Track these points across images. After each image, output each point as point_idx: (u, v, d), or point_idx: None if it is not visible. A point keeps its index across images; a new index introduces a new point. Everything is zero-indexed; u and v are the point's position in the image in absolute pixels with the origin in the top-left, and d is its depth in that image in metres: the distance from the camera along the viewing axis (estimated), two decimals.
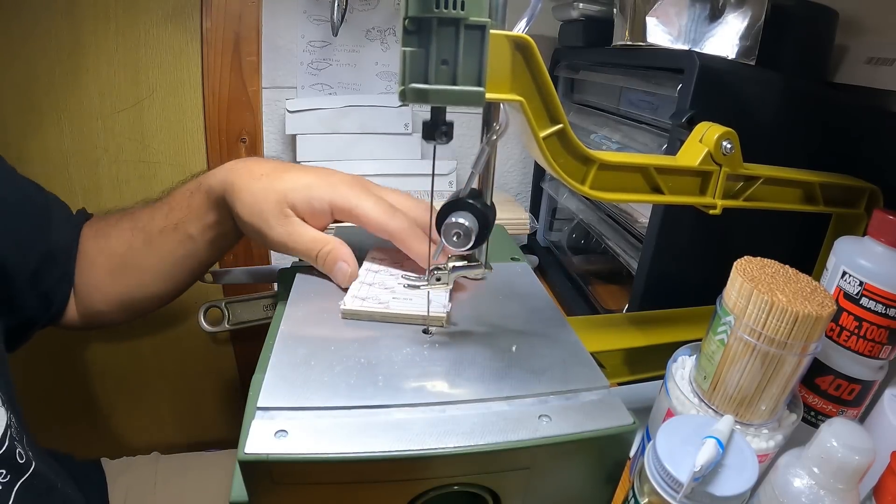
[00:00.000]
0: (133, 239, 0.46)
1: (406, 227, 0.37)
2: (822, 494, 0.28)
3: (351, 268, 0.37)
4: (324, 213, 0.38)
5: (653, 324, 0.49)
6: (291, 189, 0.38)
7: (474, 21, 0.24)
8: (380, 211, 0.37)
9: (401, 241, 0.37)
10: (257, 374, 0.29)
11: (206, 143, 0.79)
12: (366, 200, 0.38)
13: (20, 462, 0.36)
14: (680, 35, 0.49)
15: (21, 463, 0.36)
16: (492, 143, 0.28)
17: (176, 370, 0.93)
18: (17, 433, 0.38)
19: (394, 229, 0.37)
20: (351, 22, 0.78)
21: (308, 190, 0.38)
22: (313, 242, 0.38)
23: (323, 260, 0.37)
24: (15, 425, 0.38)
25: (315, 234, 0.38)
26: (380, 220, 0.37)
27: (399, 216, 0.38)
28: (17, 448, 0.36)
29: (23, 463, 0.36)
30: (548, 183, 0.83)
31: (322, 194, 0.38)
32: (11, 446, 0.36)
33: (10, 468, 0.35)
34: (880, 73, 0.51)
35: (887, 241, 0.35)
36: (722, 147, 0.36)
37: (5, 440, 0.36)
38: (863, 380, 0.37)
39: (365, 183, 0.41)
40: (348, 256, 0.37)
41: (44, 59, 0.70)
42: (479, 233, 0.29)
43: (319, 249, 0.37)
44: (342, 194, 0.38)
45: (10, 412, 0.38)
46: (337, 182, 0.39)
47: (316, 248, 0.37)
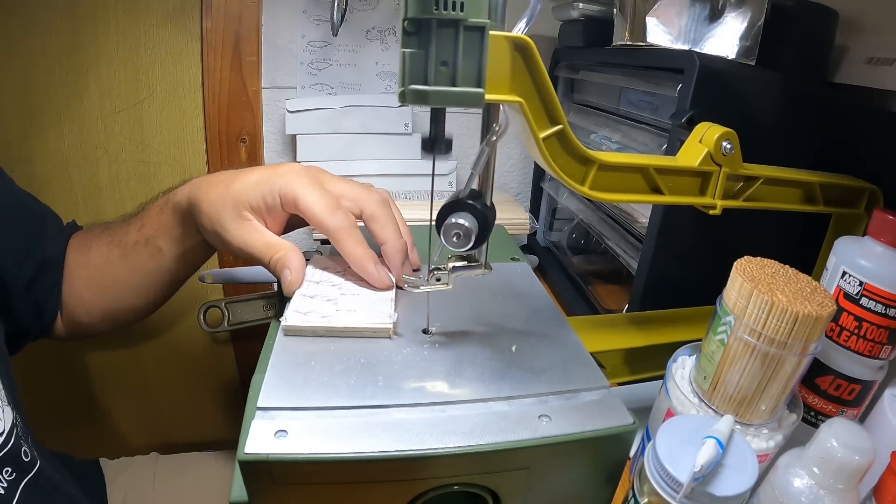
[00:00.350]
0: (110, 253, 0.46)
1: (344, 227, 0.36)
2: (822, 494, 0.28)
3: (293, 276, 0.36)
4: (276, 207, 0.37)
5: (653, 324, 0.49)
6: (243, 189, 0.37)
7: (474, 22, 0.24)
8: (321, 205, 0.36)
9: (335, 241, 0.36)
10: (257, 374, 0.29)
11: (206, 143, 0.79)
12: (310, 192, 0.36)
13: (25, 460, 0.36)
14: (680, 35, 0.49)
15: (26, 461, 0.36)
16: (492, 143, 0.28)
17: (176, 370, 0.93)
18: (22, 432, 0.38)
19: (330, 226, 0.36)
20: (351, 22, 0.78)
21: (258, 186, 0.37)
22: (266, 248, 0.37)
23: (273, 266, 0.37)
24: (21, 424, 0.38)
25: (270, 238, 0.37)
26: (319, 214, 0.36)
27: (340, 214, 0.36)
28: (23, 447, 0.37)
29: (28, 461, 0.37)
30: (548, 183, 0.83)
31: (271, 187, 0.37)
32: (17, 444, 0.36)
33: (16, 466, 0.36)
34: (880, 73, 0.51)
35: (887, 241, 0.35)
36: (722, 147, 0.36)
37: (11, 438, 0.36)
38: (863, 380, 0.37)
39: (317, 173, 0.39)
40: (295, 265, 0.36)
41: (44, 59, 0.70)
42: (479, 233, 0.29)
43: (272, 255, 0.36)
44: (288, 183, 0.37)
45: (16, 412, 0.38)
46: (286, 172, 0.38)
47: (269, 253, 0.37)
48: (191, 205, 0.40)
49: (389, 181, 0.81)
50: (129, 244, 0.45)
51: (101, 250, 0.47)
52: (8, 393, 0.38)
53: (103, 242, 0.47)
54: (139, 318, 0.50)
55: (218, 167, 0.80)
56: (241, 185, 0.38)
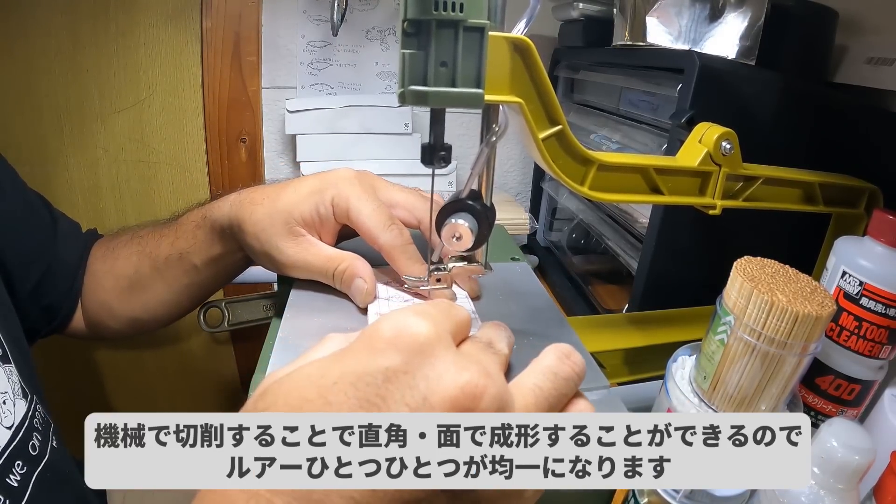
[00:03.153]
0: (140, 263, 0.45)
1: (398, 244, 0.34)
2: (822, 494, 0.28)
3: (368, 285, 0.34)
4: (329, 219, 0.35)
5: (653, 324, 0.49)
6: (295, 203, 0.35)
7: (473, 23, 0.24)
8: (375, 219, 0.34)
9: (390, 258, 0.35)
10: (257, 374, 0.29)
11: (206, 143, 0.79)
12: (364, 203, 0.35)
13: (33, 454, 0.36)
14: (680, 35, 0.49)
15: (34, 455, 0.37)
16: (491, 144, 0.28)
17: (176, 370, 0.93)
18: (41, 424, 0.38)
19: (383, 243, 0.34)
20: (351, 22, 0.78)
21: (309, 198, 0.35)
22: (328, 261, 0.35)
23: (339, 279, 0.35)
24: (41, 416, 0.38)
25: (329, 251, 0.35)
26: (372, 229, 0.34)
27: (394, 230, 0.34)
28: (31, 440, 0.37)
29: (36, 455, 0.37)
30: (548, 183, 0.83)
31: (323, 197, 0.35)
32: (26, 438, 0.36)
33: (26, 459, 0.36)
34: (880, 73, 0.51)
35: (887, 241, 0.35)
36: (721, 147, 0.36)
37: (20, 432, 0.36)
38: (863, 380, 0.37)
39: (371, 180, 0.37)
40: (366, 273, 0.34)
41: (44, 59, 0.70)
42: (479, 233, 0.29)
43: (335, 268, 0.35)
44: (340, 193, 0.35)
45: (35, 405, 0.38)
46: (337, 180, 0.36)
47: (331, 266, 0.35)
48: (233, 225, 0.38)
49: None
50: (160, 257, 0.44)
51: (131, 260, 0.46)
52: (26, 385, 0.38)
53: (132, 252, 0.46)
54: (165, 325, 0.50)
55: (218, 167, 0.80)
56: (289, 198, 0.36)
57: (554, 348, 0.23)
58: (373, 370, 0.19)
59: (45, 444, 0.38)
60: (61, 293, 0.47)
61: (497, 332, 0.26)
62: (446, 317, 0.22)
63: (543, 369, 0.22)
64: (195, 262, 0.43)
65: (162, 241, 0.44)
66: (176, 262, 0.44)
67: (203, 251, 0.42)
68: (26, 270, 0.44)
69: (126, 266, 0.46)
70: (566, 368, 0.22)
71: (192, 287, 0.45)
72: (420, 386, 0.19)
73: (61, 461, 0.39)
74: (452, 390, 0.19)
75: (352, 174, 0.37)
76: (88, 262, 0.49)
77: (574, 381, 0.23)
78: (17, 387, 0.37)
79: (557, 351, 0.23)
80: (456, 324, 0.22)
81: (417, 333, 0.20)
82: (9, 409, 0.36)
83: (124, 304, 0.47)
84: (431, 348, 0.20)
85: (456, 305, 0.24)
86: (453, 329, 0.22)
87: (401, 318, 0.20)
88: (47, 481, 0.37)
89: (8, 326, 0.40)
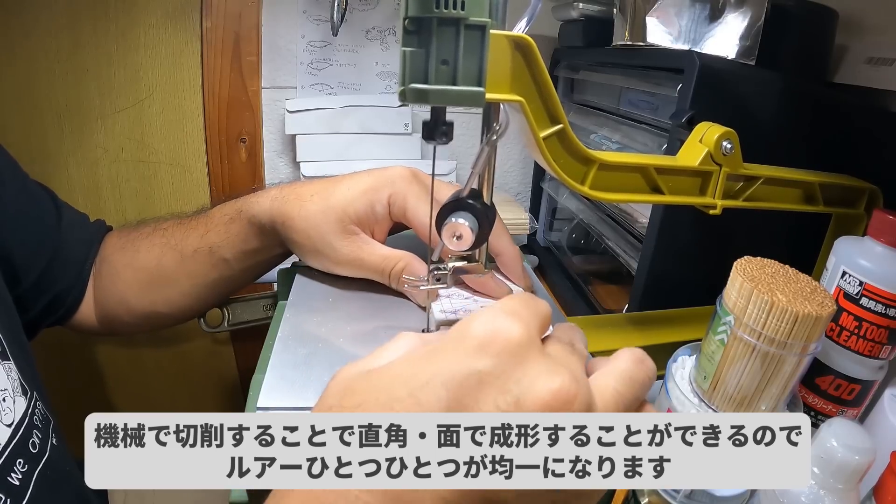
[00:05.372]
0: (163, 256, 0.44)
1: None
2: (822, 494, 0.28)
3: None
4: (385, 216, 0.35)
5: (653, 324, 0.49)
6: (349, 201, 0.35)
7: (474, 21, 0.24)
8: None
9: None
10: (257, 374, 0.29)
11: (205, 143, 0.79)
12: (424, 203, 0.35)
13: (34, 451, 0.36)
14: (680, 35, 0.49)
15: (34, 452, 0.36)
16: (492, 143, 0.28)
17: (176, 370, 0.93)
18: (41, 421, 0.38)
19: None
20: (351, 22, 0.78)
21: (365, 195, 0.35)
22: (384, 260, 0.35)
23: (396, 278, 0.35)
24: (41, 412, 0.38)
25: (385, 250, 0.35)
26: None
27: None
28: (31, 438, 0.37)
29: (36, 452, 0.36)
30: (548, 183, 0.83)
31: (380, 195, 0.35)
32: (26, 435, 0.36)
33: (27, 457, 0.35)
34: (880, 73, 0.51)
35: (887, 241, 0.35)
36: (722, 147, 0.36)
37: (20, 429, 0.36)
38: (863, 380, 0.37)
39: (424, 179, 0.37)
40: (424, 272, 0.34)
41: (44, 59, 0.70)
42: (480, 233, 0.29)
43: (392, 267, 0.34)
44: (398, 191, 0.35)
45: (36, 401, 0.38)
46: (395, 178, 0.36)
47: (388, 266, 0.34)
48: (277, 221, 0.37)
49: None
50: (187, 250, 0.43)
51: (153, 252, 0.45)
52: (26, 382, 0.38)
53: (155, 244, 0.45)
54: (182, 321, 0.49)
55: (218, 167, 0.80)
56: (343, 195, 0.35)
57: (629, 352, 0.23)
58: (466, 372, 0.19)
59: (46, 441, 0.38)
60: (67, 284, 0.46)
61: (575, 333, 0.25)
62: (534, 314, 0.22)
63: (622, 373, 0.22)
64: (226, 257, 0.42)
65: (190, 233, 0.44)
66: (205, 256, 0.43)
67: (236, 246, 0.41)
68: (29, 261, 0.43)
69: (147, 259, 0.45)
70: (641, 374, 0.22)
71: (220, 281, 0.44)
72: (513, 390, 0.19)
73: (61, 459, 0.39)
74: (546, 395, 0.19)
75: (409, 173, 0.36)
76: (106, 254, 0.48)
77: (648, 385, 0.23)
78: (17, 384, 0.37)
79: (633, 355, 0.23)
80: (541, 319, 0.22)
81: (510, 336, 0.20)
82: (9, 407, 0.35)
83: (143, 297, 0.46)
84: (524, 351, 0.20)
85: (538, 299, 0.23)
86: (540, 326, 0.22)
87: (492, 319, 0.20)
88: (48, 479, 0.37)
89: (7, 322, 0.39)
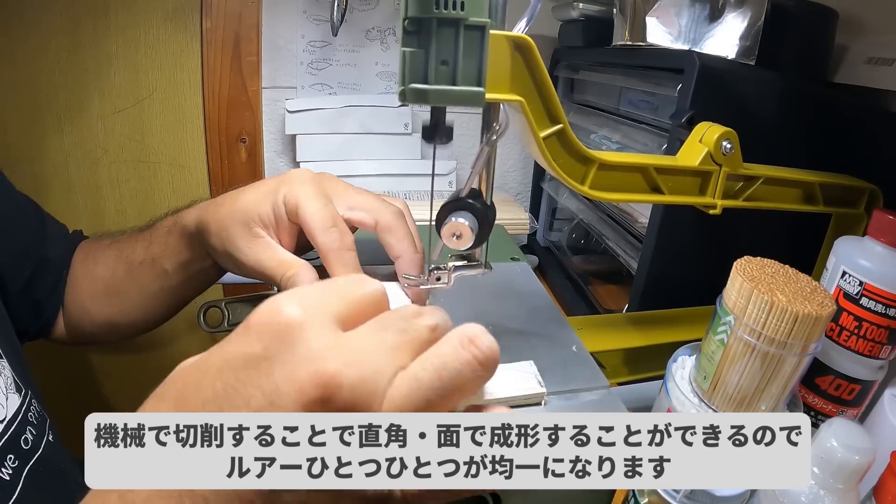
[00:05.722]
0: (116, 267, 0.46)
1: (335, 247, 0.33)
2: (822, 494, 0.28)
3: None
4: (283, 218, 0.35)
5: (653, 324, 0.49)
6: (253, 202, 0.35)
7: (474, 21, 0.24)
8: (318, 218, 0.33)
9: (325, 261, 0.33)
10: None
11: (206, 143, 0.79)
12: (312, 201, 0.34)
13: (25, 448, 0.36)
14: (680, 35, 0.49)
15: (27, 449, 0.36)
16: (492, 143, 0.28)
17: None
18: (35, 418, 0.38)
19: (321, 244, 0.33)
20: (351, 22, 0.78)
21: (266, 197, 0.35)
22: (279, 265, 0.34)
23: (284, 286, 0.34)
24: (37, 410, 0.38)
25: (283, 256, 0.34)
26: (313, 228, 0.33)
27: (334, 232, 0.33)
28: (24, 434, 0.37)
29: (28, 449, 0.37)
30: (548, 183, 0.83)
31: (277, 196, 0.34)
32: (18, 431, 0.36)
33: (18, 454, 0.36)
34: (880, 73, 0.51)
35: (887, 241, 0.35)
36: (722, 147, 0.36)
37: (12, 426, 0.36)
38: (863, 380, 0.37)
39: (328, 182, 0.36)
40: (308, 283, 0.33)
41: (44, 59, 0.70)
42: (479, 233, 0.29)
43: (283, 274, 0.33)
44: (292, 190, 0.34)
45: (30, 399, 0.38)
46: (292, 179, 0.35)
47: (280, 271, 0.34)
48: (199, 228, 0.38)
49: (389, 181, 0.81)
50: (135, 261, 0.44)
51: (108, 263, 0.46)
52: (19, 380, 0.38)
53: (110, 255, 0.47)
54: (142, 332, 0.50)
55: (218, 167, 0.80)
56: (249, 198, 0.35)
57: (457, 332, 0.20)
58: (236, 356, 0.19)
59: (41, 438, 0.38)
60: (48, 290, 0.47)
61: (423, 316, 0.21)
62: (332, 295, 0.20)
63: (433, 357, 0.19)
64: (166, 268, 0.43)
65: (137, 245, 0.45)
66: (149, 267, 0.44)
67: (173, 256, 0.42)
68: (15, 270, 0.44)
69: (104, 270, 0.47)
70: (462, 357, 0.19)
71: (163, 292, 0.45)
72: (275, 373, 0.18)
73: (57, 456, 0.39)
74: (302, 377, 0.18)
75: (308, 175, 0.36)
76: (73, 264, 0.49)
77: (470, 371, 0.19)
78: (10, 381, 0.38)
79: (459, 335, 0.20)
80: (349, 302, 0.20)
81: (284, 317, 0.19)
82: (0, 404, 0.36)
83: (101, 307, 0.47)
84: (295, 334, 0.18)
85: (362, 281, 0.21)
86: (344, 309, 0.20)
87: (274, 302, 0.19)
88: (40, 475, 0.37)
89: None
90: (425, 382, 0.19)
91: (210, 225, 0.36)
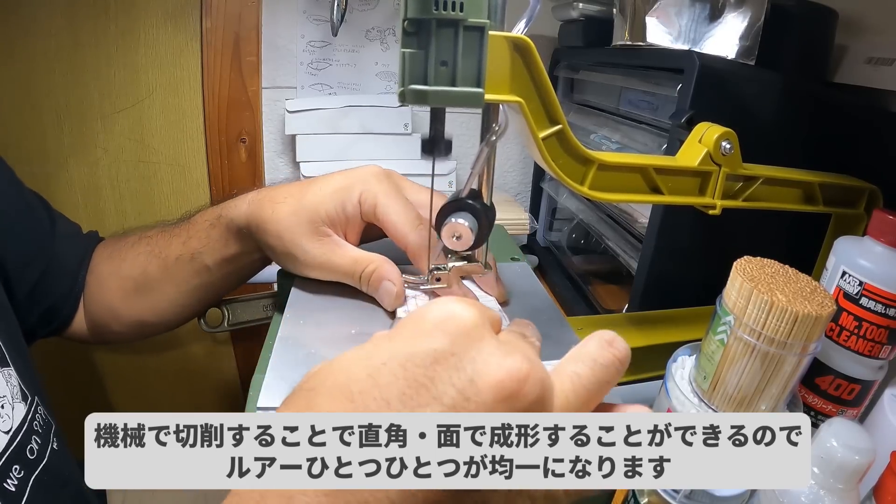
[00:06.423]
0: (148, 264, 0.44)
1: (426, 244, 0.33)
2: (822, 494, 0.28)
3: (397, 287, 0.33)
4: (356, 217, 0.35)
5: (653, 324, 0.49)
6: (321, 201, 0.34)
7: (473, 22, 0.24)
8: (404, 217, 0.34)
9: (417, 258, 0.34)
10: (257, 374, 0.29)
11: (205, 143, 0.79)
12: (393, 201, 0.34)
13: (31, 457, 0.36)
14: (680, 35, 0.49)
15: (32, 458, 0.36)
16: (491, 143, 0.28)
17: (176, 370, 0.93)
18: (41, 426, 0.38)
19: (412, 242, 0.33)
20: (351, 22, 0.78)
21: (336, 195, 0.34)
22: (355, 263, 0.34)
23: (367, 281, 0.34)
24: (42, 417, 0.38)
25: (355, 253, 0.34)
26: (401, 228, 0.33)
27: (423, 229, 0.34)
28: (29, 444, 0.37)
29: (33, 458, 0.36)
30: (548, 183, 0.83)
31: (350, 194, 0.34)
32: (24, 441, 0.36)
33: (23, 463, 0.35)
34: (880, 73, 0.51)
35: (887, 241, 0.35)
36: (721, 147, 0.36)
37: (18, 436, 0.36)
38: (863, 380, 0.37)
39: (397, 179, 0.37)
40: (394, 276, 0.33)
41: (44, 59, 0.70)
42: (479, 233, 0.29)
43: (362, 270, 0.34)
44: (369, 189, 0.34)
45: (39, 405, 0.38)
46: (366, 177, 0.35)
47: (358, 268, 0.34)
48: (252, 224, 0.37)
49: None
50: (170, 257, 0.43)
51: (138, 260, 0.45)
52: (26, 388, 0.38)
53: (140, 252, 0.45)
54: (171, 328, 0.49)
55: (218, 167, 0.80)
56: (315, 196, 0.35)
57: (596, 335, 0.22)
58: (421, 352, 0.19)
59: (45, 446, 0.38)
60: (61, 295, 0.46)
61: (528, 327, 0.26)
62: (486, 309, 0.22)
63: (583, 356, 0.22)
64: (207, 263, 0.42)
65: (173, 240, 0.44)
66: (187, 263, 0.43)
67: (216, 251, 0.41)
68: (24, 271, 0.43)
69: (133, 267, 0.45)
70: (607, 355, 0.21)
71: (202, 288, 0.44)
72: (467, 368, 0.19)
73: (61, 463, 0.39)
74: (499, 372, 0.19)
75: (380, 171, 0.36)
76: (92, 264, 0.48)
77: (615, 368, 0.22)
78: (17, 390, 0.37)
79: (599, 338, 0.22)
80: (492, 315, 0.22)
81: (465, 318, 0.20)
82: (7, 414, 0.35)
83: (130, 306, 0.46)
84: (477, 333, 0.20)
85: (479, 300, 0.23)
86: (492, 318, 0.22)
87: (447, 304, 0.21)
88: (45, 484, 0.36)
89: (6, 328, 0.39)
90: (584, 377, 0.21)
91: (268, 224, 0.36)
